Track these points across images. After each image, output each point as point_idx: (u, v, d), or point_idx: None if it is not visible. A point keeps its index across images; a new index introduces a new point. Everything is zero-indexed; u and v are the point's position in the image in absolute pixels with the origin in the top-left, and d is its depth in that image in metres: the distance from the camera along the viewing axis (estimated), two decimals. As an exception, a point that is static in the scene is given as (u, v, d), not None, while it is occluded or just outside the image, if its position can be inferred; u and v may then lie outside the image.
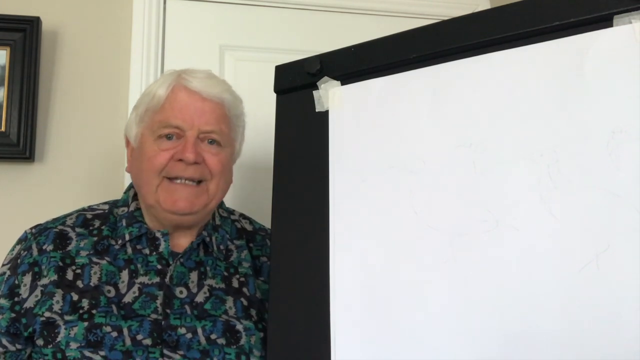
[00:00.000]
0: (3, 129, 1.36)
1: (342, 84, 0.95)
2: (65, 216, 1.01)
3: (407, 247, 0.83)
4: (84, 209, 1.03)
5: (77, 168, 1.42)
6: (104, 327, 0.88)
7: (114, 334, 0.88)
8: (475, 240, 0.78)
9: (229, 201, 1.46)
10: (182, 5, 1.57)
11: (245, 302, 0.98)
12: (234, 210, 1.14)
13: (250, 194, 1.48)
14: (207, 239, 1.01)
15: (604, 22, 0.74)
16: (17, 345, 0.90)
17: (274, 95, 1.03)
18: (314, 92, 0.97)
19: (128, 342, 0.87)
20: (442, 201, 0.82)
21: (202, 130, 0.96)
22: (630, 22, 0.72)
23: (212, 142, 0.98)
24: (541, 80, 0.78)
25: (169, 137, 0.96)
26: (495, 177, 0.78)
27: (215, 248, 1.01)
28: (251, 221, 1.15)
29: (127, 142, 1.05)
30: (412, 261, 0.82)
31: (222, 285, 0.98)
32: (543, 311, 0.71)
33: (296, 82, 1.00)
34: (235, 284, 1.00)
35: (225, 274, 1.00)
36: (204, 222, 1.03)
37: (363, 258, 0.86)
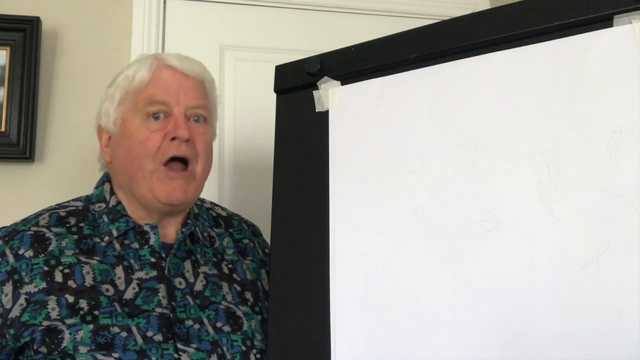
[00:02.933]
0: (3, 129, 1.36)
1: (342, 84, 0.95)
2: (36, 216, 0.95)
3: (407, 247, 0.83)
4: (53, 208, 0.98)
5: (77, 168, 1.42)
6: (111, 328, 0.85)
7: (124, 333, 0.85)
8: (475, 240, 0.78)
9: (228, 201, 1.47)
10: (182, 5, 1.57)
11: (238, 288, 1.00)
12: (204, 199, 1.13)
13: (250, 194, 1.48)
14: (193, 227, 1.00)
15: (604, 22, 0.74)
16: None
17: (274, 95, 1.04)
18: (314, 92, 0.97)
19: (140, 340, 0.85)
20: (442, 201, 0.82)
21: (189, 106, 0.95)
22: (630, 22, 0.72)
23: (198, 119, 0.97)
24: (541, 80, 0.78)
25: (155, 117, 0.94)
26: (495, 177, 0.78)
27: (200, 236, 1.01)
28: (222, 207, 1.16)
29: (101, 133, 1.00)
30: (412, 261, 0.82)
31: (215, 271, 0.99)
32: (543, 311, 0.71)
33: (296, 82, 1.00)
34: (225, 270, 1.01)
35: (215, 259, 1.01)
36: (187, 209, 1.02)
37: (363, 258, 0.86)
